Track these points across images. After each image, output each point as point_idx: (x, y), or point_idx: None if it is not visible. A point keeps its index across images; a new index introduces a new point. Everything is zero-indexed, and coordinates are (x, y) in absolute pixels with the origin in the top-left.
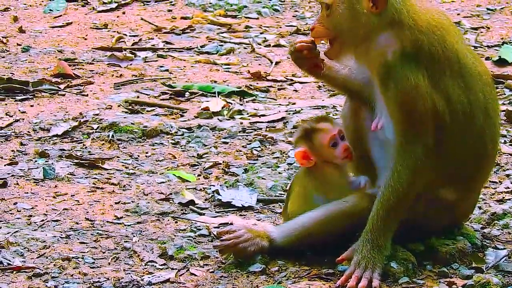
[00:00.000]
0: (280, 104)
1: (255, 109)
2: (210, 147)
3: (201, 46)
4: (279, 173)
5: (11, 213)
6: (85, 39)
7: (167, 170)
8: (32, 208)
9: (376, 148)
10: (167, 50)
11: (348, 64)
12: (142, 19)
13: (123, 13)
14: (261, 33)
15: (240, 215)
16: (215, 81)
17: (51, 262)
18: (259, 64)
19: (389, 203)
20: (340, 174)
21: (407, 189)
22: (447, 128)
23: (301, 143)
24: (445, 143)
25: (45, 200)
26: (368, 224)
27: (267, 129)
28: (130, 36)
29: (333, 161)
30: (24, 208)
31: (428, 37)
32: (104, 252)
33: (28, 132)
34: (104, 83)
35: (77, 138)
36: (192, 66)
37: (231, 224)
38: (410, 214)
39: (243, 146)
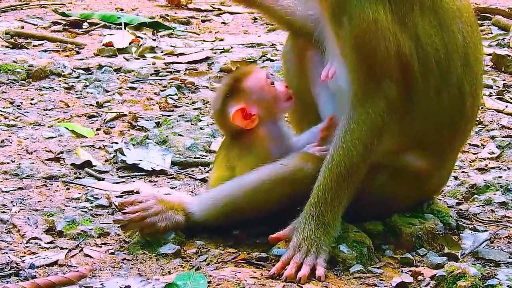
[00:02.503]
0: (204, 40)
1: (172, 46)
2: (113, 94)
3: None
4: (201, 128)
5: None
6: None
7: (58, 122)
8: None
9: (325, 101)
10: None
11: None
12: None
13: None
14: None
15: (150, 181)
16: (121, 9)
17: None
18: None
19: (339, 170)
20: (279, 135)
21: (363, 153)
22: (415, 77)
23: (233, 100)
24: (413, 97)
25: None
26: (312, 196)
27: (187, 71)
28: None
29: (276, 107)
30: None
31: None
32: None
33: None
34: None
35: None
36: None
37: (138, 192)
38: (366, 185)
39: (155, 93)
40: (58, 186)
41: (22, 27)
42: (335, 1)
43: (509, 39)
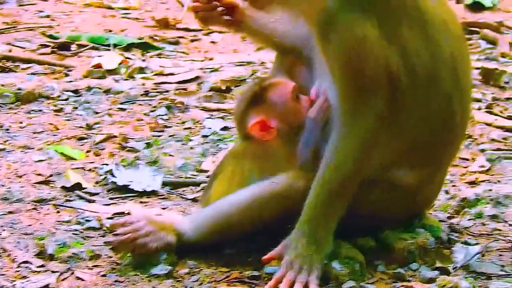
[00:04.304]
0: (193, 60)
1: (161, 66)
2: (103, 115)
3: None
4: (191, 148)
5: None
6: None
7: (47, 145)
8: None
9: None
10: None
11: (279, 14)
12: None
13: None
14: None
15: (141, 202)
16: (110, 31)
17: None
18: (167, 9)
19: (330, 186)
20: (292, 147)
21: (353, 168)
22: (404, 92)
23: (254, 110)
24: (402, 112)
25: None
26: (303, 213)
27: (177, 91)
28: None
29: (298, 121)
30: None
31: None
32: None
33: None
34: None
35: None
36: (80, 11)
37: (129, 214)
38: (358, 201)
39: (145, 114)
40: (48, 209)
41: (10, 51)
42: (322, 18)
43: (498, 53)
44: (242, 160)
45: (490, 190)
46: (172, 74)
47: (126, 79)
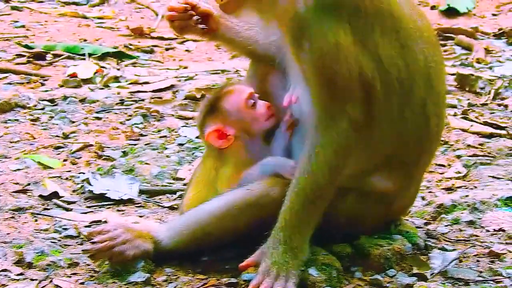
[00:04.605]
0: (168, 69)
1: (136, 75)
2: (79, 124)
3: None
4: (167, 156)
5: None
6: None
7: (24, 154)
8: None
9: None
10: (23, 0)
11: (253, 21)
12: None
13: None
14: None
15: (118, 210)
16: (85, 40)
17: None
18: (142, 18)
19: (305, 193)
20: (260, 149)
21: (329, 176)
22: (378, 98)
23: (210, 119)
24: (376, 118)
25: None
26: (279, 220)
27: (152, 100)
28: None
29: (255, 127)
30: None
31: None
32: None
33: None
34: None
35: None
36: (55, 21)
37: (106, 222)
38: (333, 208)
39: (120, 123)
40: (26, 217)
41: None
42: (295, 25)
43: (472, 59)
44: (209, 168)
45: (467, 196)
46: (147, 82)
47: (102, 88)
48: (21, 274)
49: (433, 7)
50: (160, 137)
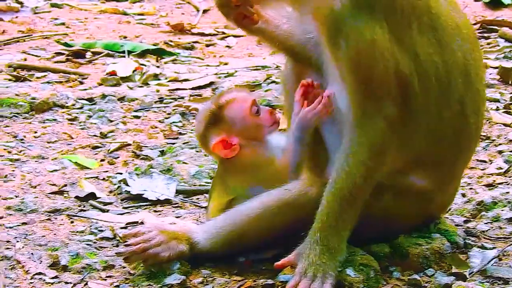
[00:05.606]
0: (208, 65)
1: (176, 72)
2: (117, 123)
3: None
4: (205, 155)
5: None
6: None
7: (61, 154)
8: None
9: (326, 124)
10: None
11: (292, 17)
12: None
13: None
14: None
15: (155, 211)
16: (125, 37)
17: None
18: (182, 13)
19: (343, 193)
20: (265, 151)
21: (366, 175)
22: (416, 96)
23: (214, 129)
24: (414, 116)
25: None
26: (316, 221)
27: (191, 98)
28: None
29: (260, 134)
30: None
31: None
32: None
33: None
34: None
35: None
36: (95, 18)
37: (142, 223)
38: (371, 207)
39: (159, 121)
40: (62, 219)
41: (25, 59)
42: (332, 23)
43: None
44: (224, 177)
45: (507, 192)
46: (186, 80)
47: (141, 86)
48: (56, 277)
49: None
50: None
